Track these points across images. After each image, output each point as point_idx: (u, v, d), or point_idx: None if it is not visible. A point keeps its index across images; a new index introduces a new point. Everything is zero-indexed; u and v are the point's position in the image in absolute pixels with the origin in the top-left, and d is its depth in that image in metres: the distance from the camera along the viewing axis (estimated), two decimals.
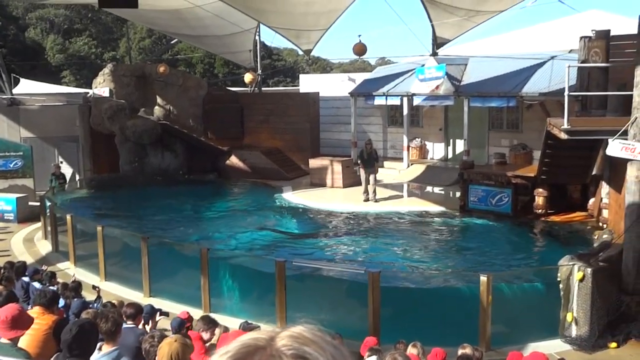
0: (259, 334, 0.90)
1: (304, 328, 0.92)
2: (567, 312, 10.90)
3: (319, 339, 0.90)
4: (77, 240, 15.85)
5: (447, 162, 23.47)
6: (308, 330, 0.92)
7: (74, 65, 48.48)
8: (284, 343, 0.88)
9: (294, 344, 0.88)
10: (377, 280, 10.86)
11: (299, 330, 0.91)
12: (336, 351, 0.90)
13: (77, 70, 48.78)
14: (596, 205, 15.40)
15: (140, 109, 25.21)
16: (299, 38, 23.00)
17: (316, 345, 0.88)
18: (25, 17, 50.35)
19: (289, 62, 56.26)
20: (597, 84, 13.54)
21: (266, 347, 0.87)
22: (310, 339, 0.90)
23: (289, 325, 0.94)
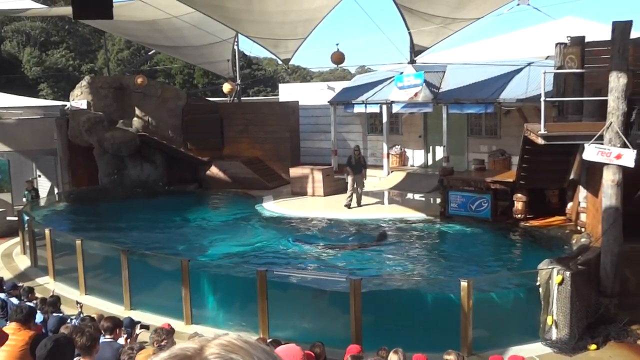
0: (189, 344, 0.90)
1: (235, 336, 0.92)
2: (547, 315, 10.98)
3: (247, 346, 0.90)
4: (56, 254, 15.71)
5: (427, 168, 23.58)
6: (239, 339, 0.92)
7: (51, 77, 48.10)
8: (212, 351, 0.87)
9: (221, 351, 0.87)
10: (358, 287, 10.87)
11: (229, 339, 0.91)
12: (267, 356, 0.90)
13: (54, 82, 48.40)
14: (574, 210, 15.54)
15: (119, 120, 25.07)
16: (277, 47, 23.02)
17: (244, 352, 0.88)
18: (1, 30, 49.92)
19: (268, 71, 56.26)
20: (573, 90, 13.68)
21: (194, 356, 0.86)
22: (239, 346, 0.89)
23: (222, 335, 0.94)
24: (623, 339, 11.03)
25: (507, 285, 12.29)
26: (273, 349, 0.94)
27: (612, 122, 11.43)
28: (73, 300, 12.85)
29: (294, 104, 26.33)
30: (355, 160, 19.71)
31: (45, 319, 9.07)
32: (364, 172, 19.88)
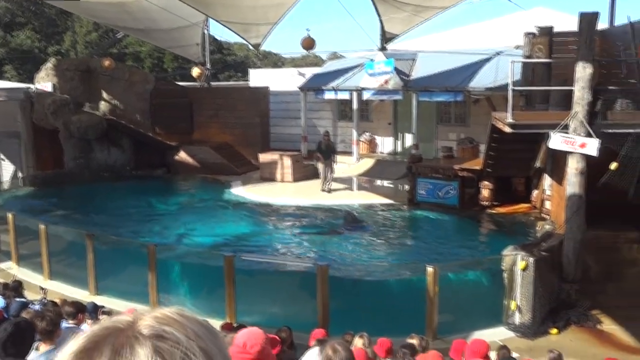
0: (123, 317, 0.89)
1: (170, 309, 0.92)
2: (511, 300, 11.16)
3: (182, 319, 0.89)
4: (20, 239, 15.48)
5: (396, 156, 23.68)
6: (173, 312, 0.91)
7: (17, 59, 47.17)
8: (145, 324, 0.86)
9: (154, 324, 0.86)
10: (325, 273, 10.92)
11: (164, 311, 0.91)
12: (202, 329, 0.89)
13: (19, 64, 47.47)
14: (539, 197, 15.77)
15: (85, 104, 24.67)
16: (248, 32, 22.83)
17: (178, 324, 0.87)
18: None
19: (239, 56, 55.84)
20: (541, 79, 13.83)
21: (126, 329, 0.85)
22: (172, 318, 0.89)
23: (159, 307, 0.93)
24: (583, 324, 11.27)
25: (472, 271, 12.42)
26: (210, 324, 0.93)
27: (577, 111, 11.59)
28: (37, 286, 12.73)
29: (264, 90, 26.21)
30: (325, 145, 19.87)
31: (7, 303, 8.95)
32: (333, 157, 20.06)
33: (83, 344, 0.84)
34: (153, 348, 0.82)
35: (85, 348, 0.84)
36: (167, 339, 0.84)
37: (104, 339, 0.84)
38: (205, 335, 0.88)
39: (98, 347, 0.83)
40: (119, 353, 0.81)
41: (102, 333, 0.85)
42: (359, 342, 6.97)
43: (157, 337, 0.84)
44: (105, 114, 24.71)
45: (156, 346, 0.83)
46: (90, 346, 0.84)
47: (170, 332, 0.85)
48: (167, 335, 0.84)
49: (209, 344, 0.87)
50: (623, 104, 11.72)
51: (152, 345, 0.82)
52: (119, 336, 0.83)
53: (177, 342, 0.84)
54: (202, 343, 0.86)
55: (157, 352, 0.82)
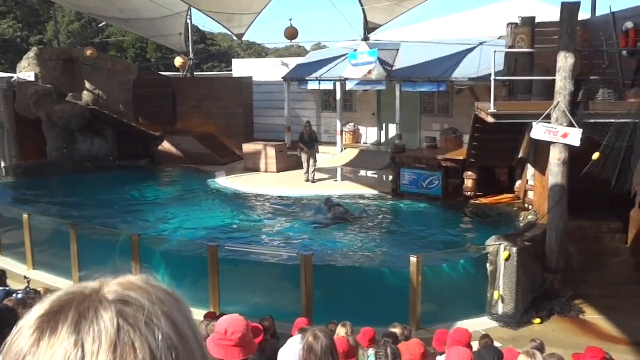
0: (89, 283, 0.90)
1: (137, 277, 0.93)
2: (494, 290, 11.24)
3: (147, 285, 0.90)
4: (3, 228, 15.39)
5: (380, 146, 23.69)
6: (139, 278, 0.92)
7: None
8: (110, 289, 0.88)
9: (119, 289, 0.88)
10: (309, 262, 10.94)
11: (129, 278, 0.92)
12: (166, 296, 0.90)
13: (1, 54, 47.00)
14: (522, 188, 15.86)
15: (68, 94, 24.47)
16: (231, 22, 22.73)
17: (142, 290, 0.88)
18: None
19: (223, 47, 55.58)
20: (524, 69, 13.90)
21: (91, 294, 0.86)
22: (137, 285, 0.90)
23: (124, 274, 0.94)
24: (566, 314, 11.38)
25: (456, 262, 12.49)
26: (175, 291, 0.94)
27: (559, 101, 11.66)
28: (20, 275, 12.65)
29: (247, 80, 26.12)
30: (308, 135, 19.92)
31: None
32: (316, 146, 20.12)
33: (49, 308, 0.86)
34: (117, 312, 0.84)
35: (50, 312, 0.85)
36: (132, 304, 0.86)
37: (69, 304, 0.85)
38: (170, 302, 0.89)
39: (63, 310, 0.84)
40: (84, 317, 0.83)
41: (67, 298, 0.87)
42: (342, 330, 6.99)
43: (121, 302, 0.85)
44: (88, 104, 24.53)
45: (120, 310, 0.84)
46: (55, 310, 0.85)
47: (134, 298, 0.86)
48: (132, 300, 0.86)
49: (173, 310, 0.88)
50: (605, 94, 11.80)
51: (116, 309, 0.84)
52: (84, 301, 0.85)
53: (141, 307, 0.85)
54: (166, 309, 0.87)
55: (121, 316, 0.83)
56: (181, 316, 0.89)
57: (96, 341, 0.80)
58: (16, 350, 0.83)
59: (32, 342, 0.83)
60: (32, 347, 0.82)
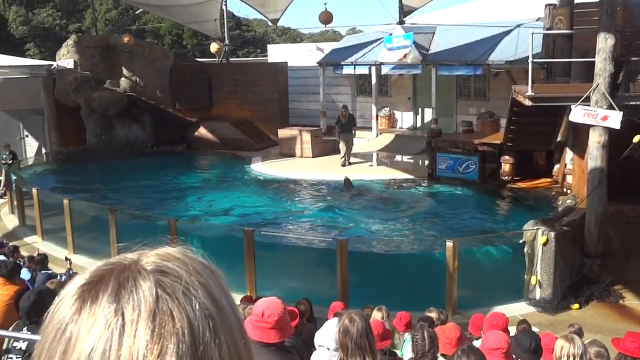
0: (128, 255, 0.93)
1: (174, 248, 0.95)
2: (531, 275, 11.14)
3: (184, 257, 0.92)
4: (44, 213, 15.70)
5: (415, 130, 23.58)
6: (177, 250, 0.94)
7: (38, 37, 47.46)
8: (148, 260, 0.90)
9: (157, 260, 0.90)
10: (344, 247, 10.96)
11: (167, 250, 0.94)
12: (203, 267, 0.92)
13: (41, 42, 47.77)
14: (560, 171, 15.64)
15: (106, 80, 24.81)
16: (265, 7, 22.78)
17: (180, 262, 0.90)
18: None
19: (258, 32, 55.69)
20: (562, 51, 13.65)
21: (130, 265, 0.89)
22: (175, 256, 0.92)
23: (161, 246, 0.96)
24: (605, 299, 11.22)
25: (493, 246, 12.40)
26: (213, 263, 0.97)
27: (599, 83, 11.44)
28: (61, 259, 12.91)
29: (282, 65, 26.14)
30: (345, 119, 19.88)
31: (33, 276, 9.11)
32: (353, 130, 20.06)
33: (89, 278, 0.88)
34: (156, 282, 0.86)
35: (91, 281, 0.88)
36: (169, 274, 0.88)
37: (108, 274, 0.88)
38: (206, 273, 0.91)
39: (103, 280, 0.87)
40: (123, 286, 0.85)
41: (107, 268, 0.89)
42: (378, 314, 7.02)
43: (159, 272, 0.87)
44: (126, 90, 24.84)
45: (159, 280, 0.86)
46: (96, 279, 0.87)
47: (172, 268, 0.89)
48: (169, 271, 0.88)
49: (210, 281, 0.90)
50: None
51: (154, 279, 0.86)
52: (124, 271, 0.87)
53: (178, 277, 0.87)
54: (203, 279, 0.89)
55: (159, 285, 0.85)
56: (217, 287, 0.91)
57: (135, 309, 0.83)
58: (58, 319, 0.86)
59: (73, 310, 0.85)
60: (74, 315, 0.84)
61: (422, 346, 5.04)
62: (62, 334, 0.84)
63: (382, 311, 7.14)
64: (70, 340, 0.83)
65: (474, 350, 4.18)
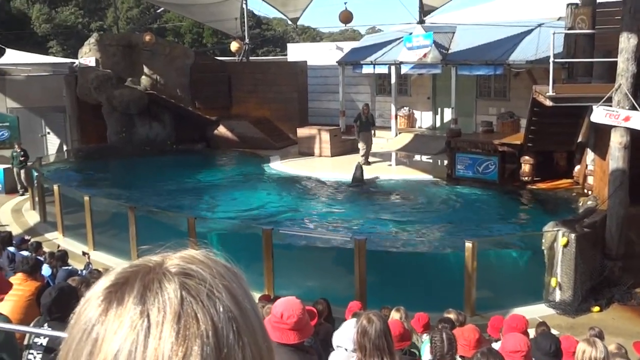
0: (153, 256, 0.94)
1: (197, 251, 0.96)
2: (552, 277, 11.05)
3: (207, 259, 0.93)
4: (65, 210, 15.84)
5: (435, 130, 23.48)
6: (200, 253, 0.95)
7: (61, 35, 47.91)
8: (173, 263, 0.91)
9: (181, 262, 0.91)
10: (363, 247, 10.95)
11: (191, 252, 0.95)
12: (226, 270, 0.93)
13: (63, 40, 48.23)
14: (581, 172, 15.50)
15: (127, 78, 25.00)
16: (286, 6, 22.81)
17: (204, 265, 0.91)
18: None
19: (278, 31, 55.79)
20: (583, 51, 13.55)
21: (154, 267, 0.90)
22: (198, 259, 0.93)
23: (185, 248, 0.97)
24: (627, 302, 11.10)
25: (512, 247, 12.33)
26: (235, 266, 0.97)
27: (621, 84, 11.33)
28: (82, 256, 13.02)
29: (302, 64, 26.15)
30: (365, 117, 19.89)
31: (53, 272, 9.20)
32: (372, 130, 20.05)
33: (114, 280, 0.90)
34: (180, 284, 0.87)
35: (116, 283, 0.89)
36: (194, 277, 0.89)
37: (134, 275, 0.89)
38: (229, 276, 0.92)
39: (129, 282, 0.88)
40: (149, 288, 0.86)
41: (132, 270, 0.90)
42: (396, 315, 7.01)
43: (184, 275, 0.88)
44: (147, 88, 25.01)
45: (183, 282, 0.87)
46: (121, 281, 0.89)
47: (196, 271, 0.90)
48: (194, 273, 0.89)
49: (233, 284, 0.91)
50: None
51: (179, 281, 0.87)
52: (148, 273, 0.88)
53: (202, 280, 0.88)
54: (226, 282, 0.90)
55: (184, 288, 0.86)
56: (240, 290, 0.92)
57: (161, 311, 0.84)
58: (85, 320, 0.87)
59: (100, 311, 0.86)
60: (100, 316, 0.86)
61: (441, 348, 5.02)
62: (88, 335, 0.85)
63: (400, 312, 7.13)
64: (97, 342, 0.84)
65: (493, 352, 4.15)
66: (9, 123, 22.40)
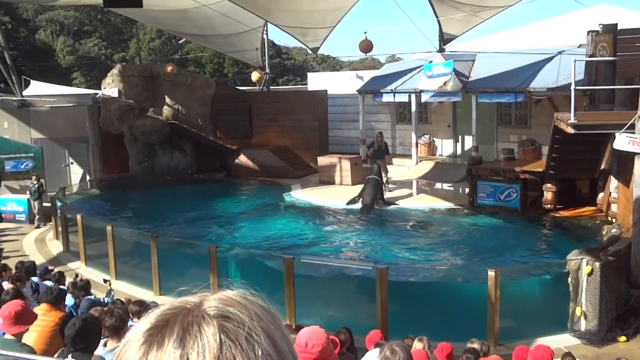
0: (190, 298, 0.94)
1: (234, 292, 0.96)
2: (576, 306, 10.89)
3: (245, 301, 0.94)
4: (88, 239, 15.95)
5: (455, 158, 23.43)
6: (237, 294, 0.96)
7: (84, 66, 48.73)
8: (210, 304, 0.91)
9: (219, 305, 0.91)
10: (384, 276, 10.88)
11: (228, 294, 0.95)
12: (263, 312, 0.93)
13: (87, 71, 49.03)
14: (605, 200, 15.34)
15: (149, 108, 25.32)
16: (306, 36, 23.02)
17: (241, 306, 0.92)
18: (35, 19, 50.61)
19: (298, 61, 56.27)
20: (605, 78, 13.49)
21: (193, 309, 0.90)
22: (236, 300, 0.93)
23: (222, 289, 0.98)
24: None
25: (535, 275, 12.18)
26: (271, 306, 0.98)
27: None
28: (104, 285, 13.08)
29: (322, 93, 26.31)
30: (378, 145, 19.96)
31: (76, 302, 9.25)
32: (385, 158, 20.08)
33: (155, 322, 0.90)
34: (219, 327, 0.87)
35: (156, 325, 0.90)
36: (232, 319, 0.89)
37: (173, 318, 0.89)
38: (267, 317, 0.93)
39: (169, 325, 0.89)
40: (188, 332, 0.87)
41: (171, 312, 0.91)
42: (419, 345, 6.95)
43: (222, 317, 0.89)
44: (168, 118, 25.29)
45: (222, 325, 0.88)
46: (161, 324, 0.90)
47: (234, 313, 0.90)
48: (232, 316, 0.90)
49: (270, 325, 0.91)
50: None
51: (218, 324, 0.88)
52: (187, 315, 0.89)
53: (241, 323, 0.89)
54: (264, 324, 0.90)
55: (223, 331, 0.87)
56: (278, 332, 0.92)
57: (200, 355, 0.84)
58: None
59: (140, 354, 0.87)
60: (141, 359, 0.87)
61: None
62: None
63: (423, 342, 7.06)
64: None
65: None
66: (33, 153, 22.74)
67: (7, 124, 24.63)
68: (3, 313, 4.82)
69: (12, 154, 22.52)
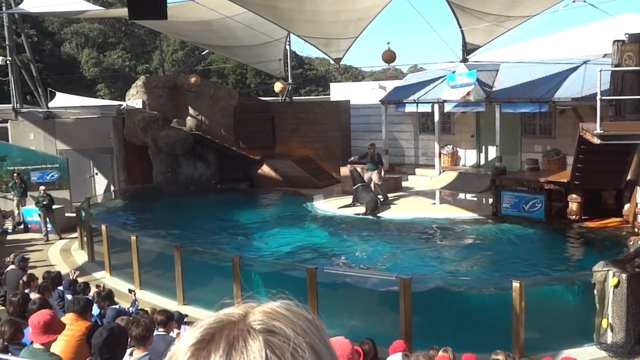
0: (235, 310, 0.94)
1: (279, 304, 0.96)
2: (602, 318, 10.75)
3: (290, 314, 0.94)
4: (112, 249, 16.08)
5: (479, 168, 23.31)
6: (282, 306, 0.95)
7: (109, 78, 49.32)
8: (256, 318, 0.91)
9: (264, 318, 0.91)
10: (408, 286, 10.84)
11: (273, 306, 0.95)
12: (308, 325, 0.93)
13: (111, 83, 49.62)
14: (631, 211, 15.15)
15: (173, 119, 25.53)
16: (329, 47, 23.08)
17: (286, 319, 0.92)
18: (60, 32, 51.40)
19: (320, 71, 56.43)
20: (631, 88, 13.36)
21: (238, 322, 0.90)
22: (281, 313, 0.93)
23: (266, 301, 0.98)
24: None
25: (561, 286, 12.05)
26: (317, 317, 0.98)
27: None
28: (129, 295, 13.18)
29: (345, 103, 26.35)
30: (371, 157, 20.44)
31: (101, 312, 9.33)
32: (380, 167, 20.53)
33: (201, 336, 0.91)
34: (265, 342, 0.87)
35: (203, 340, 0.90)
36: (277, 334, 0.89)
37: (219, 332, 0.90)
38: (312, 330, 0.92)
39: (214, 339, 0.89)
40: (234, 347, 0.87)
41: (216, 325, 0.91)
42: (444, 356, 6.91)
43: (268, 332, 0.89)
44: (192, 129, 25.47)
45: (267, 340, 0.88)
46: (207, 338, 0.90)
47: (279, 328, 0.90)
48: (277, 331, 0.90)
49: (315, 339, 0.91)
50: None
51: (263, 339, 0.88)
52: (233, 329, 0.89)
53: (286, 338, 0.89)
54: (309, 339, 0.90)
55: (268, 346, 0.87)
56: (323, 345, 0.92)
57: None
58: None
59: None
60: None
61: None
62: None
63: (448, 352, 7.03)
64: None
65: None
66: (58, 164, 23.01)
67: (33, 135, 24.96)
68: (32, 322, 4.88)
69: (38, 165, 22.81)
